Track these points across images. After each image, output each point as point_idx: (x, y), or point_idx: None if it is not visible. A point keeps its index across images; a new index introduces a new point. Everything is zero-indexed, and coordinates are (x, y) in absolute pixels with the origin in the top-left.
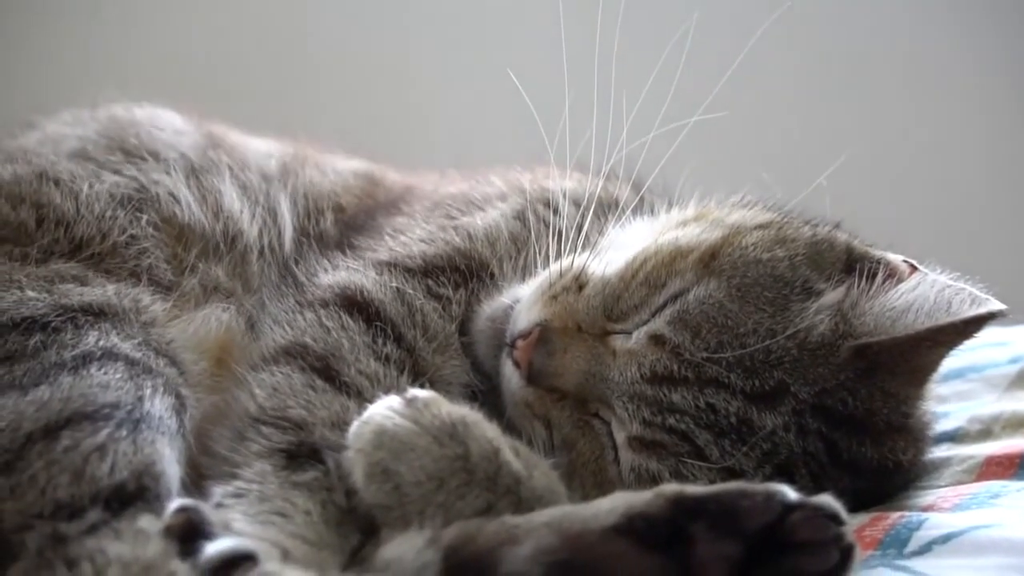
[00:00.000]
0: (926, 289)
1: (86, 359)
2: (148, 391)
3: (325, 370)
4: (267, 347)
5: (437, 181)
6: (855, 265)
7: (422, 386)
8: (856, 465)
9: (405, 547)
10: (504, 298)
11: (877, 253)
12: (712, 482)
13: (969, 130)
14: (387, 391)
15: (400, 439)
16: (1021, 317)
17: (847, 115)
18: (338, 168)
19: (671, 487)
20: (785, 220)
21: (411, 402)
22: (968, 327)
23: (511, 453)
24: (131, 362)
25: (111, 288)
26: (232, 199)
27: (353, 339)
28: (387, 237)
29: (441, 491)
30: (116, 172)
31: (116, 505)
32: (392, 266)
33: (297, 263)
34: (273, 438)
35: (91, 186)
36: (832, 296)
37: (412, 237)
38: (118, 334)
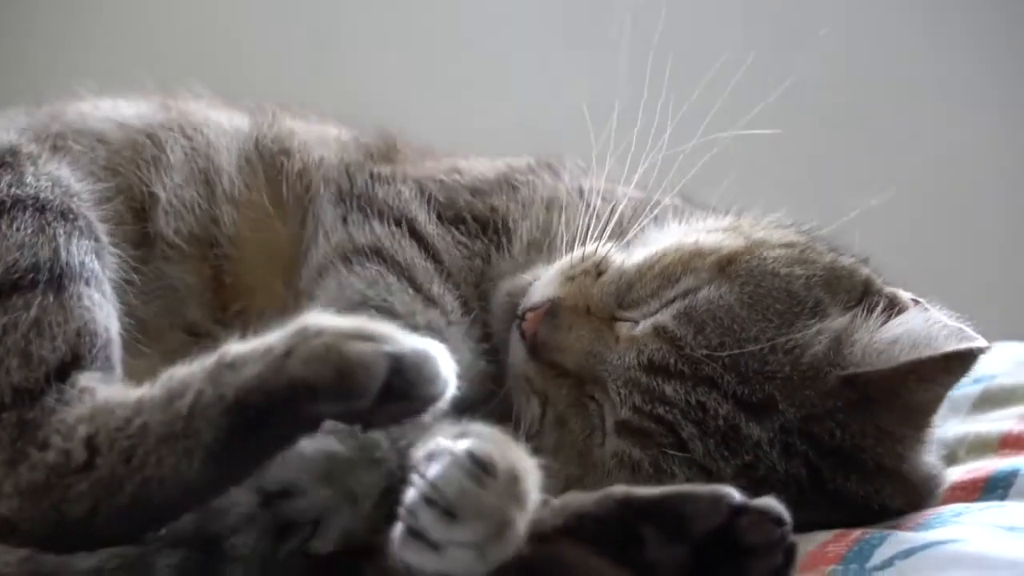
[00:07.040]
0: (916, 324)
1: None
2: (62, 239)
3: (412, 280)
4: (348, 240)
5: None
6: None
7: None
8: (839, 498)
9: None
10: (526, 275)
11: (890, 290)
12: (689, 479)
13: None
14: (458, 322)
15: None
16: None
17: (896, 148)
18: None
19: (619, 488)
20: (812, 245)
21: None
22: (950, 362)
23: None
24: (40, 208)
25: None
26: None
27: (425, 265)
28: (443, 177)
29: None
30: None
31: (60, 378)
32: (438, 207)
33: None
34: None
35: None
36: (838, 322)
37: (470, 175)
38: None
